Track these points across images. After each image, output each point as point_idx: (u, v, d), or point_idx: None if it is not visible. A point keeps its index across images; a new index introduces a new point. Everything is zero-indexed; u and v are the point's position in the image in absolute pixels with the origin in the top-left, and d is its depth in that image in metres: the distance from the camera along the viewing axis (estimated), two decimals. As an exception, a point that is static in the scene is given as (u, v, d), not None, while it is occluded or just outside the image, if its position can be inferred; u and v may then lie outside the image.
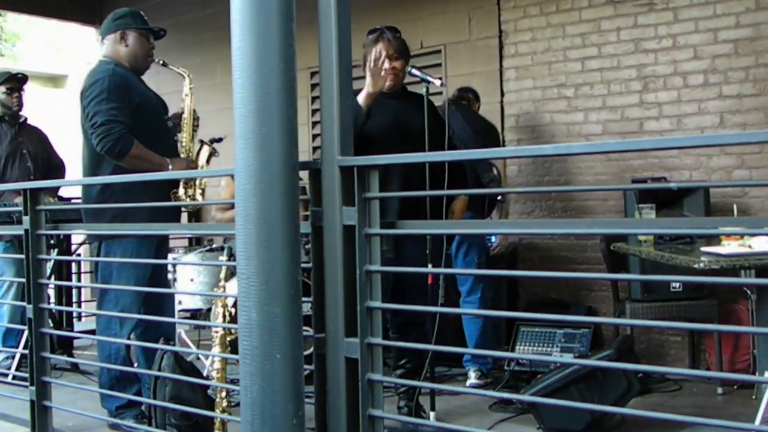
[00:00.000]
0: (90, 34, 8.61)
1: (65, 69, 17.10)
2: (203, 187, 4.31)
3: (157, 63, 4.37)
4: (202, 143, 4.45)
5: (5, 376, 4.85)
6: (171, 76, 4.63)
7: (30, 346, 3.67)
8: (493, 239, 5.24)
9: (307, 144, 6.67)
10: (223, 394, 3.56)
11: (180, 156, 4.29)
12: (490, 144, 5.07)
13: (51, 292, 5.70)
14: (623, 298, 5.07)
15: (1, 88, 5.66)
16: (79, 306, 6.86)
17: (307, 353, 2.43)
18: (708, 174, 5.26)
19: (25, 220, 3.63)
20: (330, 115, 2.50)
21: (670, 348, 5.45)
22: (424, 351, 3.88)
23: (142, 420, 3.91)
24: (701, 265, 3.46)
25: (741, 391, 4.53)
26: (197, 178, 4.26)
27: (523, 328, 5.05)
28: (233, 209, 2.40)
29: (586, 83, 5.72)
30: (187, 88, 4.41)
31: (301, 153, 2.45)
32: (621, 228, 3.30)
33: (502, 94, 6.07)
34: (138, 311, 4.02)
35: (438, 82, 3.99)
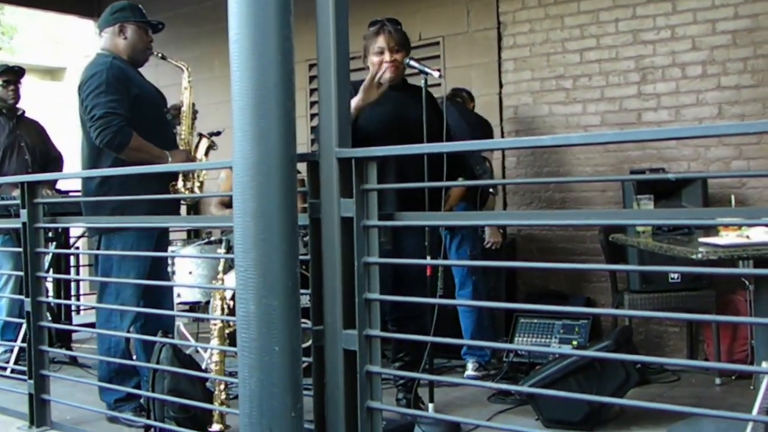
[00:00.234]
0: (88, 26, 8.58)
1: (63, 62, 17.08)
2: (202, 180, 4.30)
3: (155, 56, 4.36)
4: (201, 136, 4.44)
5: (4, 369, 4.84)
6: (169, 69, 4.62)
7: (28, 339, 3.68)
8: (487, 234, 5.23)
9: (306, 136, 6.66)
10: (222, 386, 3.56)
11: (179, 148, 4.28)
12: (483, 138, 5.08)
13: (49, 286, 5.71)
14: (622, 289, 5.08)
15: (-2, 81, 5.64)
16: (77, 300, 6.85)
17: (306, 345, 2.44)
18: (706, 165, 5.26)
19: (23, 213, 3.63)
20: (328, 107, 2.50)
21: (668, 339, 5.46)
22: (422, 344, 3.87)
23: (140, 413, 3.90)
24: (699, 255, 3.45)
25: (739, 382, 4.54)
26: (196, 171, 4.25)
27: (521, 320, 5.05)
28: (231, 207, 2.40)
29: (584, 74, 5.71)
30: (186, 81, 4.40)
31: (299, 145, 2.44)
32: (619, 219, 3.30)
33: (501, 86, 6.07)
34: (138, 304, 4.03)
35: (436, 74, 3.98)
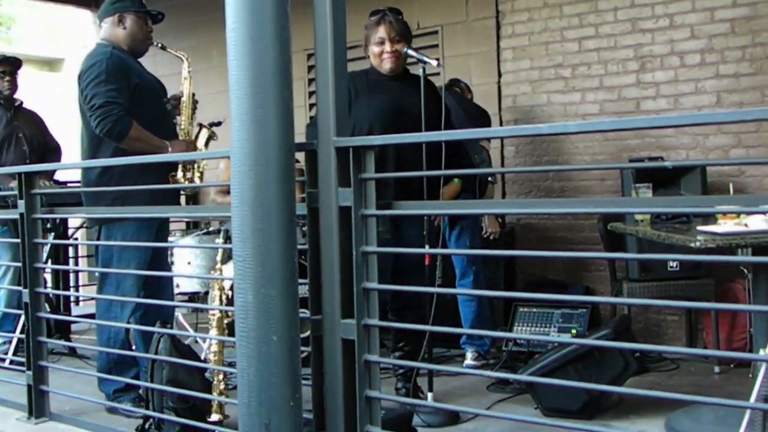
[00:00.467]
0: (86, 17, 8.56)
1: (61, 52, 17.06)
2: (202, 170, 4.29)
3: (155, 46, 4.34)
4: (201, 126, 4.44)
5: (2, 360, 4.85)
6: (168, 59, 4.61)
7: (27, 330, 3.67)
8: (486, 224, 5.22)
9: (304, 126, 6.63)
10: (221, 376, 3.56)
11: (179, 138, 4.28)
12: (481, 127, 5.06)
13: (48, 277, 5.71)
14: (620, 277, 5.08)
15: (-5, 71, 5.62)
16: (76, 291, 6.84)
17: (304, 335, 2.43)
18: (705, 153, 5.26)
19: (21, 204, 3.62)
20: (325, 96, 2.49)
21: (667, 327, 5.47)
22: (422, 333, 3.87)
23: (139, 403, 3.90)
24: (698, 244, 3.45)
25: (738, 370, 4.54)
26: (196, 161, 4.24)
27: (520, 309, 5.05)
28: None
29: (583, 63, 5.70)
30: (186, 71, 4.39)
31: (297, 135, 2.43)
32: (618, 207, 3.29)
33: (499, 75, 6.06)
34: (138, 295, 4.02)
35: (435, 63, 3.97)
